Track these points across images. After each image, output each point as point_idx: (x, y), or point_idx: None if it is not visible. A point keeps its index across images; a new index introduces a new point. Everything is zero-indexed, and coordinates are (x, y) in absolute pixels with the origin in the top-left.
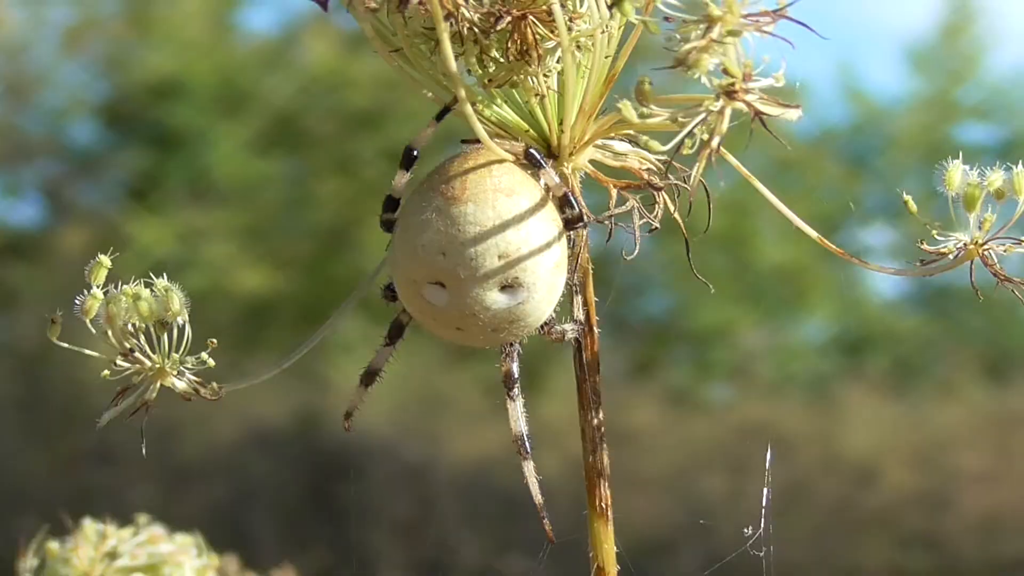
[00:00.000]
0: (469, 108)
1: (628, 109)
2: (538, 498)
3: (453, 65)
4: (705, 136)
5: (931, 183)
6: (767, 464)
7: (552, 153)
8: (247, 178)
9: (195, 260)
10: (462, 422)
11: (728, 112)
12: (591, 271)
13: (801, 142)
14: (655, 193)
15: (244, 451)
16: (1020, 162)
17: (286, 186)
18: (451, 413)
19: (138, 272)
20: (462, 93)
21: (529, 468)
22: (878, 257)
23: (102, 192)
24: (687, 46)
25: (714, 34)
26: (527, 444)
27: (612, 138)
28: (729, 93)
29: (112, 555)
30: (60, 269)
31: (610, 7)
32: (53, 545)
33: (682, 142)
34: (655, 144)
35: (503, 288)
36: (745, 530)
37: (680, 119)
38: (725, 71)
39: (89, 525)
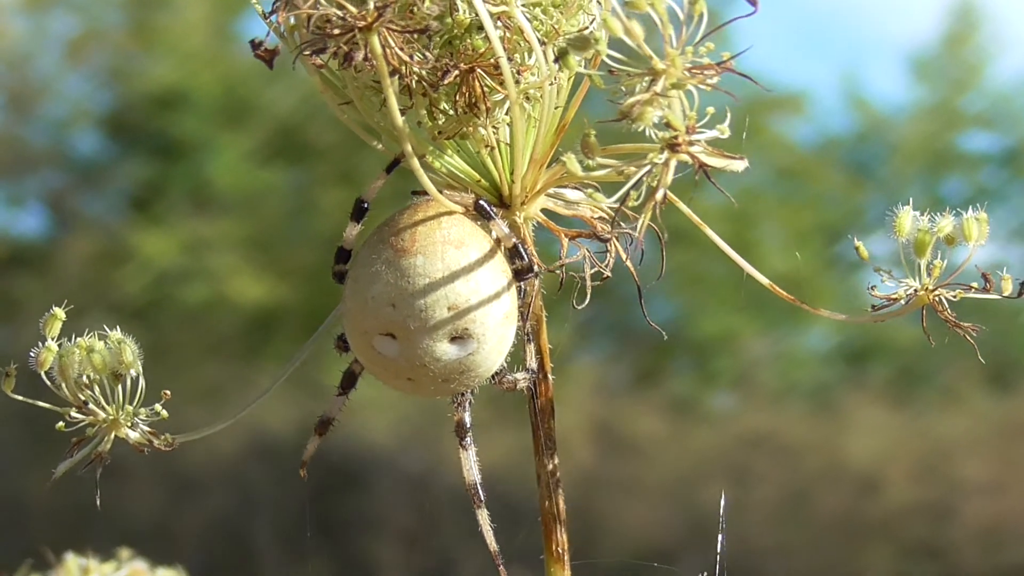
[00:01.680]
0: (416, 163)
1: (572, 162)
2: (493, 546)
3: (399, 120)
4: (653, 184)
5: (934, 191)
6: (720, 506)
7: (504, 203)
8: (250, 188)
9: (199, 270)
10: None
11: (673, 164)
12: (544, 318)
13: (804, 151)
14: (607, 240)
15: (246, 462)
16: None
17: (289, 196)
18: (453, 424)
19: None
20: (408, 148)
21: (483, 516)
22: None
23: (105, 202)
24: (631, 99)
25: (657, 87)
26: (480, 493)
27: (564, 186)
28: (672, 146)
29: None
30: (63, 280)
31: (555, 61)
32: None
33: (627, 194)
34: (600, 196)
35: (453, 339)
36: None
37: (626, 171)
38: (668, 124)
39: (72, 559)
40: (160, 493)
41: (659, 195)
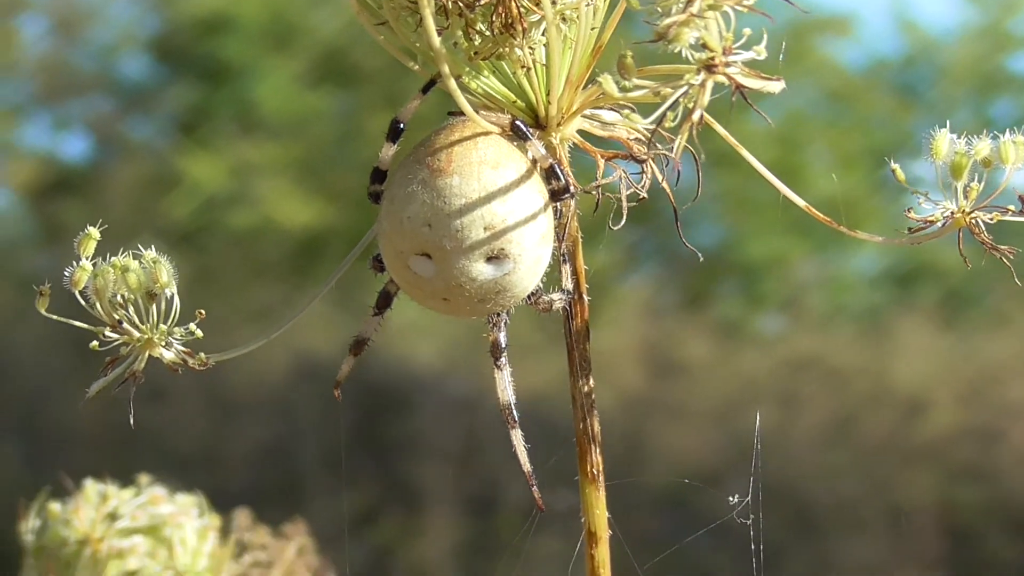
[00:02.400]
0: (453, 83)
1: (609, 83)
2: (527, 466)
3: (436, 40)
4: (689, 106)
5: (983, 114)
6: (756, 433)
7: (540, 124)
8: (297, 112)
9: (246, 195)
10: (513, 355)
11: (709, 85)
12: (580, 240)
13: (852, 73)
14: (643, 161)
15: (292, 385)
16: None
17: (336, 120)
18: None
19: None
20: (445, 69)
21: (517, 436)
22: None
23: (152, 127)
24: (667, 20)
25: (694, 8)
26: (515, 413)
27: (600, 108)
28: (709, 67)
29: (113, 516)
30: (110, 205)
31: None
32: (54, 506)
33: (664, 115)
34: (636, 117)
35: (489, 259)
36: (730, 498)
37: (662, 92)
38: (704, 46)
39: (90, 486)
40: (206, 418)
41: (695, 116)
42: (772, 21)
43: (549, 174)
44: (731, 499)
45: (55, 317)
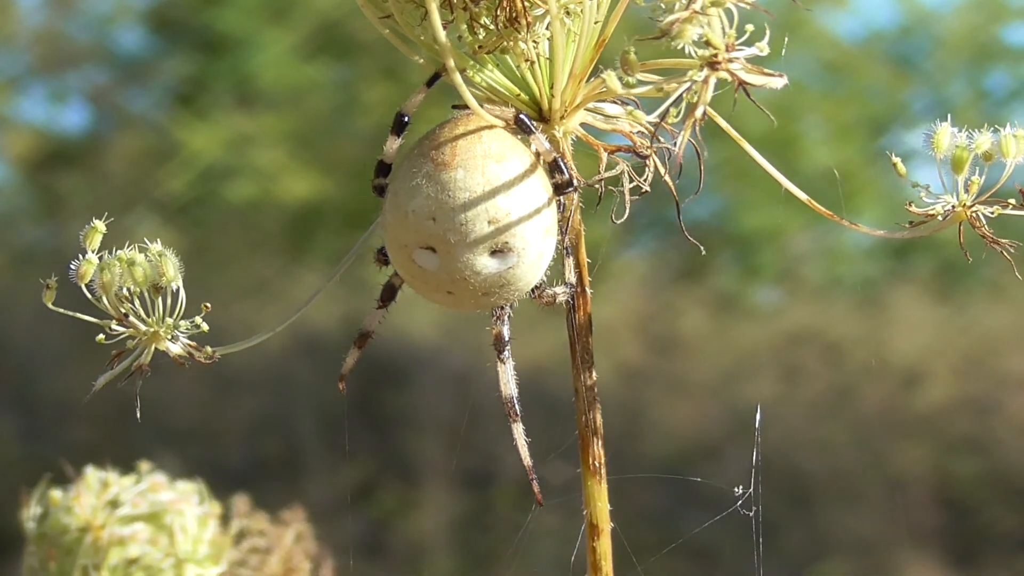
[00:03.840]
0: (458, 77)
1: (612, 79)
2: (527, 461)
3: (442, 34)
4: (692, 101)
5: (979, 85)
6: (756, 425)
7: (543, 117)
8: (294, 83)
9: (243, 166)
10: (511, 329)
11: (712, 81)
12: (583, 233)
13: (848, 44)
14: (646, 157)
15: (290, 359)
16: None
17: (333, 91)
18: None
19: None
20: (451, 63)
21: (519, 430)
22: (926, 161)
23: (149, 98)
24: (670, 17)
25: (696, 5)
26: (517, 407)
27: (604, 101)
28: (712, 64)
29: (114, 503)
30: (107, 177)
31: None
32: (56, 494)
33: (667, 111)
34: (639, 113)
35: (493, 253)
36: (736, 489)
37: (665, 88)
38: (707, 42)
39: (91, 473)
40: (204, 391)
41: (698, 112)
42: (773, 18)
43: (553, 168)
44: (736, 490)
45: (62, 311)
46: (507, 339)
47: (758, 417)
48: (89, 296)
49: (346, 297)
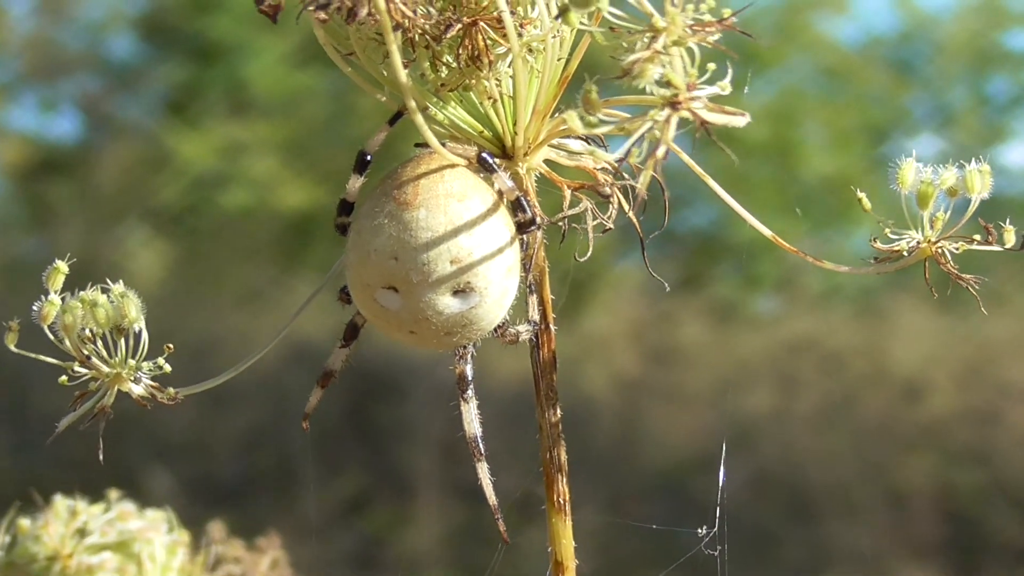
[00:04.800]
0: (419, 118)
1: (573, 119)
2: (492, 500)
3: (402, 75)
4: (654, 141)
5: (979, 91)
6: (722, 456)
7: (507, 153)
8: (287, 91)
9: (236, 175)
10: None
11: (674, 121)
12: (547, 270)
13: (847, 50)
14: (608, 196)
15: (284, 371)
16: None
17: (327, 99)
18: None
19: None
20: (411, 103)
21: (483, 469)
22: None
23: (141, 106)
24: (632, 57)
25: (658, 45)
26: (481, 446)
27: (568, 137)
28: (673, 104)
29: (82, 532)
30: (99, 185)
31: (556, 18)
32: (24, 522)
33: (629, 151)
34: (601, 153)
35: (455, 293)
36: (699, 530)
37: (627, 127)
38: (668, 83)
39: (60, 501)
40: (196, 404)
41: (660, 152)
42: (736, 59)
43: (516, 206)
44: (699, 531)
45: (22, 352)
46: (470, 379)
47: (723, 453)
48: (52, 338)
49: (340, 307)
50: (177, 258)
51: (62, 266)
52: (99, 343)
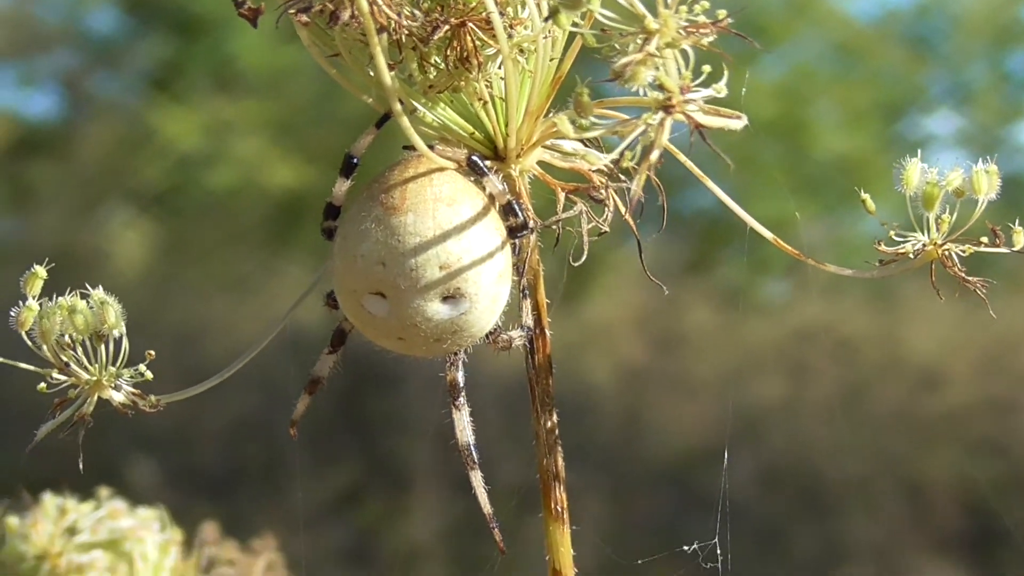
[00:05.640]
0: (406, 121)
1: (564, 123)
2: (487, 508)
3: (388, 79)
4: (647, 145)
5: (998, 67)
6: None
7: (499, 155)
8: (275, 67)
9: (223, 154)
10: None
11: (668, 124)
12: (541, 273)
13: (862, 25)
14: (602, 200)
15: (273, 359)
16: None
17: (316, 76)
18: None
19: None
20: (397, 107)
21: (477, 478)
22: (944, 146)
23: (123, 83)
24: (624, 59)
25: (651, 47)
26: (474, 454)
27: (561, 138)
28: (666, 107)
29: (72, 530)
30: (79, 165)
31: (546, 20)
32: (12, 521)
33: (622, 154)
34: (593, 157)
35: (445, 299)
36: (686, 548)
37: (620, 131)
38: (661, 86)
39: (49, 500)
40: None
41: (653, 156)
42: (730, 61)
43: (507, 210)
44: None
45: (2, 360)
46: (462, 385)
47: (725, 461)
48: (30, 344)
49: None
50: (161, 240)
51: (40, 271)
52: (79, 350)
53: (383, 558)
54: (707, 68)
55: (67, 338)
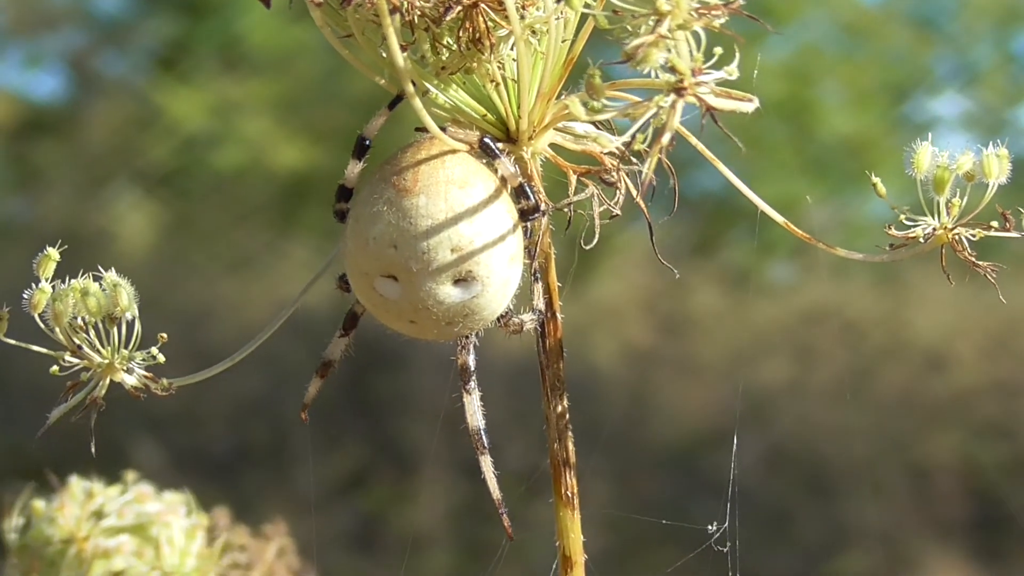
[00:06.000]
0: (418, 102)
1: (576, 105)
2: (496, 494)
3: (400, 60)
4: (659, 127)
5: (1006, 48)
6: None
7: (511, 137)
8: (282, 46)
9: (229, 134)
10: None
11: (680, 107)
12: (552, 256)
13: (868, 5)
14: (613, 183)
15: (279, 340)
16: None
17: (323, 55)
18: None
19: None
20: (409, 88)
21: (487, 463)
22: (950, 128)
23: (129, 62)
24: (636, 41)
25: (663, 29)
26: (484, 439)
27: (573, 120)
28: (678, 90)
29: (99, 514)
30: (86, 145)
31: (558, 1)
32: (39, 504)
33: (634, 137)
34: (605, 140)
35: (456, 282)
36: (709, 527)
37: (632, 113)
38: (673, 68)
39: (75, 483)
40: (185, 372)
41: (665, 138)
42: (742, 43)
43: (519, 193)
44: (710, 527)
45: (12, 342)
46: (472, 369)
47: (735, 445)
48: (43, 326)
49: (335, 275)
50: (167, 221)
51: (53, 253)
52: (91, 332)
53: (389, 542)
54: (718, 50)
55: (80, 320)
